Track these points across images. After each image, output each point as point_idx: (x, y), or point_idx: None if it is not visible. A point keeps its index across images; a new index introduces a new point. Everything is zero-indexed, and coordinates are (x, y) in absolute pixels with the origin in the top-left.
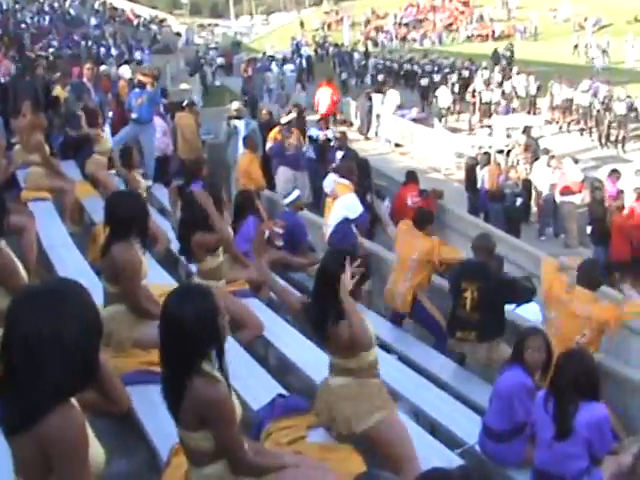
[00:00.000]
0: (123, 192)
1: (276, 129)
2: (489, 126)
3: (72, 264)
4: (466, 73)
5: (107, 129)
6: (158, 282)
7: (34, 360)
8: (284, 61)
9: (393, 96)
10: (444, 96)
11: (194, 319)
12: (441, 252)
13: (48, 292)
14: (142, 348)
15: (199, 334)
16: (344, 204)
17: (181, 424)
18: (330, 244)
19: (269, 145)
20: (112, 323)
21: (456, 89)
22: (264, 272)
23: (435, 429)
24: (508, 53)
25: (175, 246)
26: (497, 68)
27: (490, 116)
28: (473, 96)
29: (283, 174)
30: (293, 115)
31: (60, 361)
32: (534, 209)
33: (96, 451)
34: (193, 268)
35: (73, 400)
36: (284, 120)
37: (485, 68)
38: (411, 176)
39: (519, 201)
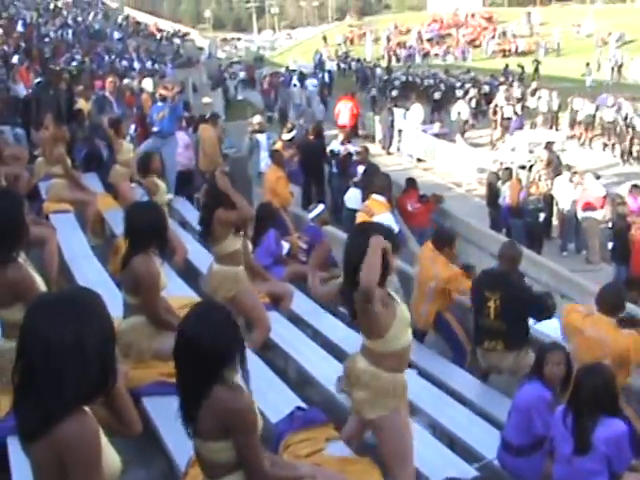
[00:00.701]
0: (142, 203)
1: (279, 145)
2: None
3: (93, 276)
4: (486, 88)
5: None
6: (178, 294)
7: (55, 365)
8: (302, 75)
9: (417, 111)
10: (461, 111)
11: (212, 341)
12: (460, 285)
13: (69, 299)
14: (161, 359)
15: (217, 352)
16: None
17: (198, 434)
18: None
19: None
20: (132, 334)
21: (473, 104)
22: (316, 289)
23: (454, 443)
24: (520, 70)
25: (194, 258)
26: (516, 84)
27: (511, 131)
28: (495, 112)
29: None
30: (294, 132)
31: (80, 367)
32: (556, 225)
33: (111, 458)
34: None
35: (87, 409)
36: (286, 137)
37: (502, 84)
38: (410, 183)
39: (541, 217)
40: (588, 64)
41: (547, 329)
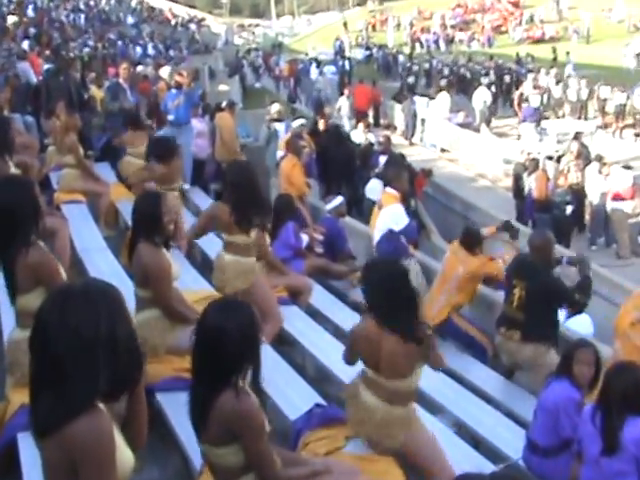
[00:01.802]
0: (146, 193)
1: (288, 136)
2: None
3: (106, 268)
4: (507, 78)
5: None
6: (192, 287)
7: (87, 359)
8: (317, 61)
9: (443, 99)
10: (485, 98)
11: (236, 335)
12: (490, 268)
13: (96, 290)
14: (176, 354)
15: (239, 350)
16: (388, 215)
17: (206, 440)
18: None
19: (281, 153)
20: (145, 329)
21: (493, 89)
22: None
23: (478, 443)
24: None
25: (210, 249)
26: (544, 71)
27: (539, 121)
28: (520, 101)
29: None
30: (302, 121)
31: (112, 361)
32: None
33: (125, 457)
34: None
35: (101, 406)
36: (296, 124)
37: (530, 71)
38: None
39: (569, 209)
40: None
41: (577, 325)
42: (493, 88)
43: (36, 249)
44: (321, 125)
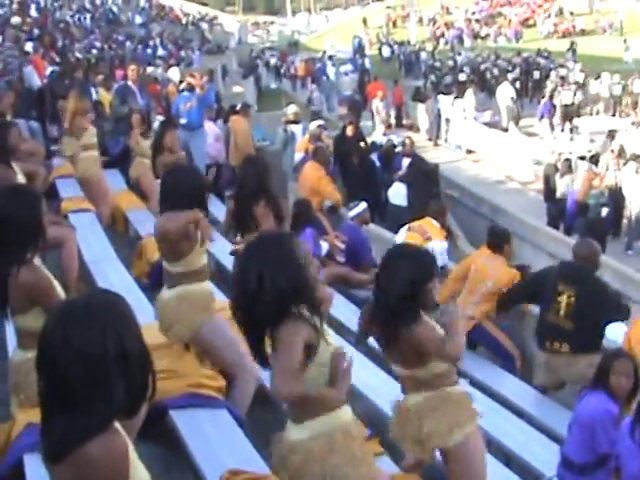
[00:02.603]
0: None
1: (306, 138)
2: (571, 130)
3: (116, 280)
4: (536, 74)
5: None
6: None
7: (99, 379)
8: (330, 57)
9: (470, 98)
10: (510, 94)
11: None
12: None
13: (100, 304)
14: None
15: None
16: (438, 251)
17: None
18: None
19: (300, 155)
20: (183, 304)
21: (517, 85)
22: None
23: (510, 459)
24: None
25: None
26: (577, 66)
27: (571, 119)
28: (551, 97)
29: None
30: (319, 122)
31: (125, 379)
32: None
33: (140, 476)
34: None
35: (117, 425)
36: (313, 126)
37: (561, 66)
38: None
39: (604, 212)
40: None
41: (613, 334)
42: (518, 84)
43: (29, 269)
44: (349, 131)
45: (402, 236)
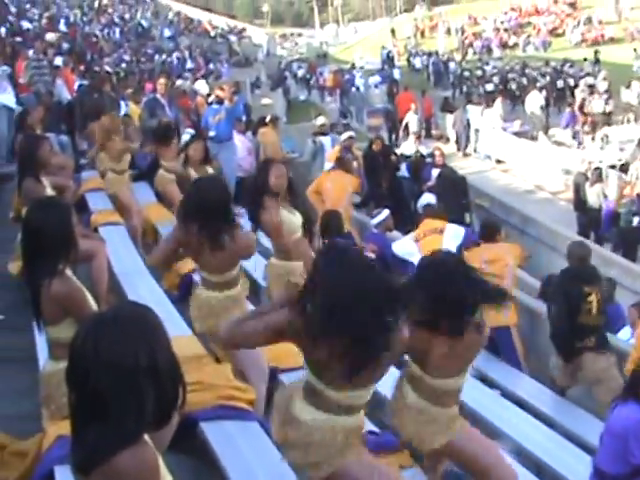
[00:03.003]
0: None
1: (336, 149)
2: (601, 139)
3: (146, 293)
4: (560, 83)
5: None
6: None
7: (130, 391)
8: (359, 68)
9: (497, 107)
10: (536, 102)
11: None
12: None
13: (130, 316)
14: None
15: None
16: (457, 234)
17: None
18: None
19: (330, 165)
20: (219, 305)
21: (544, 94)
22: None
23: (541, 470)
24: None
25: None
26: (602, 74)
27: (601, 128)
28: (581, 106)
29: None
30: (350, 133)
31: (156, 391)
32: None
33: None
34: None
35: (146, 437)
36: (344, 137)
37: (588, 74)
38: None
39: (636, 220)
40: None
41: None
42: (545, 93)
43: (61, 280)
44: (375, 146)
45: (410, 246)
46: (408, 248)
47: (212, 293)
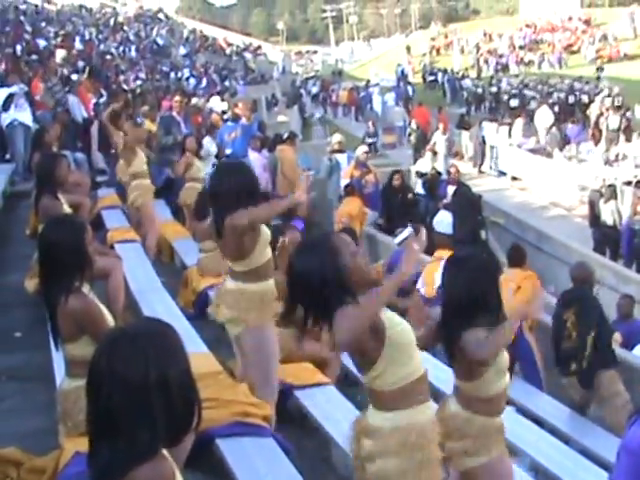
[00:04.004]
0: None
1: (352, 165)
2: (616, 155)
3: (162, 310)
4: (572, 98)
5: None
6: None
7: (140, 407)
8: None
9: (519, 126)
10: (545, 118)
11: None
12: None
13: (145, 332)
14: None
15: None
16: None
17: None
18: None
19: (346, 182)
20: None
21: (556, 109)
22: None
23: None
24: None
25: None
26: (616, 90)
27: (617, 144)
28: (597, 123)
29: None
30: (365, 148)
31: (166, 407)
32: None
33: None
34: None
35: (164, 451)
36: (359, 152)
37: (601, 91)
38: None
39: None
40: None
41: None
42: (557, 108)
43: (77, 297)
44: (395, 181)
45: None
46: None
47: None
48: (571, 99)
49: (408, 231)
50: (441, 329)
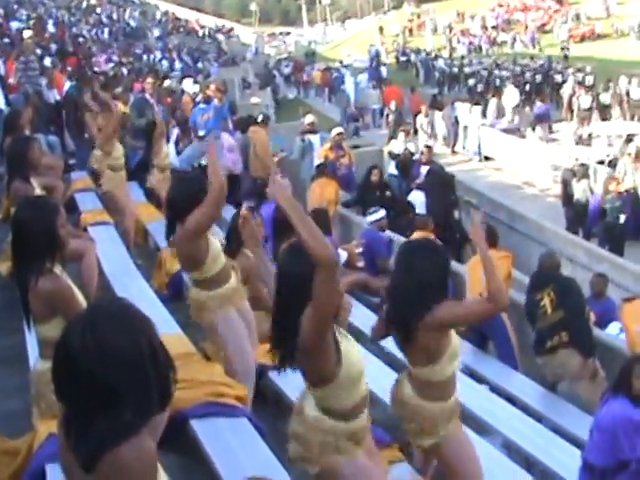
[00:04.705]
0: None
1: (327, 146)
2: (589, 135)
3: (136, 292)
4: (539, 78)
5: (172, 148)
6: None
7: (139, 375)
8: (347, 66)
9: (493, 106)
10: (511, 97)
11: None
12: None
13: (118, 306)
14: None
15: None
16: None
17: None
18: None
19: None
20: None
21: (527, 88)
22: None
23: (530, 464)
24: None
25: None
26: (588, 69)
27: (589, 123)
28: (569, 103)
29: None
30: (339, 129)
31: (156, 373)
32: None
33: None
34: None
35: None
36: (334, 133)
37: (579, 71)
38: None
39: (622, 217)
40: None
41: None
42: (527, 87)
43: (48, 278)
44: (374, 177)
45: None
46: None
47: None
48: (539, 78)
49: (381, 213)
50: (396, 316)
